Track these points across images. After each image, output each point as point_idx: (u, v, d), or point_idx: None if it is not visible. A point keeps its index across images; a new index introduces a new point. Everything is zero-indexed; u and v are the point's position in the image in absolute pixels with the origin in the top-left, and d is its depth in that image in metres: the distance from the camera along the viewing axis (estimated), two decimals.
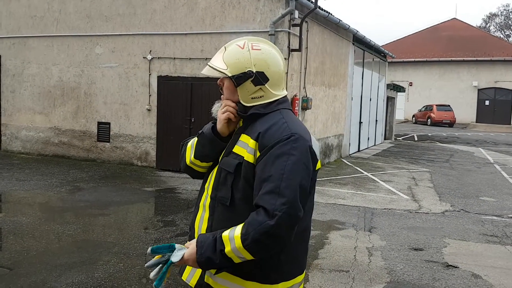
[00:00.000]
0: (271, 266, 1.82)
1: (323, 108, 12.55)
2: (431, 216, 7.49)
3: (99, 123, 11.43)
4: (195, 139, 2.06)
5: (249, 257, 1.73)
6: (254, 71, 1.87)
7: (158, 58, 10.68)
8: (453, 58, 34.79)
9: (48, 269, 4.61)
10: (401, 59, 34.29)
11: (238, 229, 1.74)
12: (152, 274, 1.82)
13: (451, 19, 41.13)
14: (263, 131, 1.82)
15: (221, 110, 1.94)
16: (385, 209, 7.85)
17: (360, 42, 15.25)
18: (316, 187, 9.71)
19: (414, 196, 8.97)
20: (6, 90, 12.57)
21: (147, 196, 8.19)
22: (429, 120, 32.21)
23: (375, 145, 18.58)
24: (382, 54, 18.85)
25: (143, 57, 10.80)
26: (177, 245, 1.84)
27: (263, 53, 1.90)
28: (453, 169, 12.85)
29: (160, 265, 1.82)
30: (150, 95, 10.82)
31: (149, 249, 1.80)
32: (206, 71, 1.96)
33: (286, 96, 1.99)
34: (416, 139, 22.41)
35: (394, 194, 9.05)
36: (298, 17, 9.85)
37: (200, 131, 2.04)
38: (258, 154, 1.81)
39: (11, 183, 8.63)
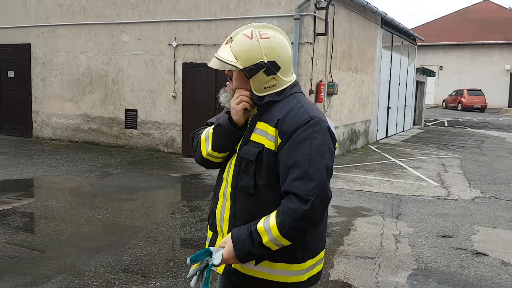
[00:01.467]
0: (298, 246, 1.85)
1: (350, 93, 12.38)
2: (461, 203, 7.34)
3: (126, 110, 11.59)
4: (209, 130, 2.03)
5: (286, 243, 1.77)
6: (266, 62, 1.84)
7: (183, 45, 10.70)
8: (484, 41, 33.73)
9: (78, 252, 4.72)
10: (431, 42, 33.46)
11: (272, 219, 1.75)
12: (192, 283, 1.81)
13: (483, 1, 39.78)
14: (281, 118, 1.82)
15: (235, 101, 1.90)
16: (413, 195, 7.73)
17: (388, 25, 14.92)
18: (342, 174, 9.44)
19: (443, 183, 8.79)
20: (36, 78, 12.86)
21: (173, 181, 8.29)
22: (459, 105, 31.45)
23: (403, 131, 18.27)
24: (411, 38, 18.41)
25: (168, 44, 10.85)
26: (211, 248, 1.84)
27: (272, 41, 1.87)
28: (483, 155, 12.54)
29: (199, 271, 1.82)
30: (175, 82, 10.88)
31: (188, 259, 1.81)
32: (214, 64, 1.92)
33: (296, 79, 1.98)
34: (446, 124, 21.93)
35: (422, 181, 8.90)
36: (324, 0, 9.69)
37: (216, 122, 2.01)
38: (279, 141, 1.81)
39: (42, 168, 8.86)
